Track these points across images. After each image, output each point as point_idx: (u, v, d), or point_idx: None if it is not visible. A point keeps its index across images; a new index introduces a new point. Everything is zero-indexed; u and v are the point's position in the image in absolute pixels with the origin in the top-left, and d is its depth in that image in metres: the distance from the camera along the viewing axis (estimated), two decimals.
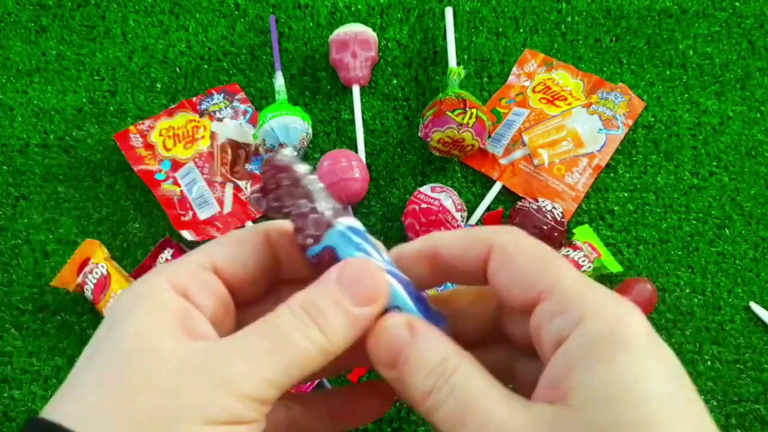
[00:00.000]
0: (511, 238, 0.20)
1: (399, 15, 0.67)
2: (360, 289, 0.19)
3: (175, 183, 0.59)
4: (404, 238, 0.57)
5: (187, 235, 0.55)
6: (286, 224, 0.22)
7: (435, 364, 0.19)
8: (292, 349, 0.18)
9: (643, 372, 0.16)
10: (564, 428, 0.16)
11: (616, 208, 0.58)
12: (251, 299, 0.22)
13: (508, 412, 0.17)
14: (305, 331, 0.18)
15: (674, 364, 0.17)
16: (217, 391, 0.17)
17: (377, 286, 0.19)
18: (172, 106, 0.63)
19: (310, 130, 0.59)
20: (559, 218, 0.53)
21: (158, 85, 0.65)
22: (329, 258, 0.20)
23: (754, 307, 0.54)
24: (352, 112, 0.62)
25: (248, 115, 0.63)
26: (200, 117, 0.62)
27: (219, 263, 0.21)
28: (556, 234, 0.53)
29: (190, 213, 0.57)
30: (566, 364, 0.17)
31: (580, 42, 0.66)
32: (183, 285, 0.20)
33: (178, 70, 0.65)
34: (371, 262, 0.20)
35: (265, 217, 0.58)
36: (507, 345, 0.23)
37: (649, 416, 0.16)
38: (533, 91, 0.63)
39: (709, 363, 0.53)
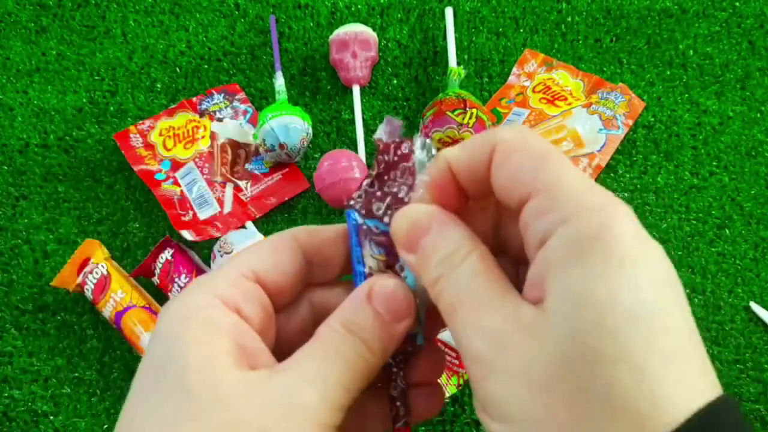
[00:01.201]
0: (513, 135, 0.18)
1: (399, 15, 0.67)
2: (393, 306, 0.20)
3: (175, 183, 0.59)
4: None
5: (187, 235, 0.55)
6: (312, 230, 0.23)
7: (446, 254, 0.19)
8: (348, 368, 0.19)
9: (618, 279, 0.15)
10: (541, 333, 0.16)
11: None
12: (287, 305, 0.23)
13: (491, 315, 0.17)
14: (357, 349, 0.19)
15: (657, 270, 0.16)
16: (296, 422, 0.17)
17: (407, 304, 0.20)
18: (172, 106, 0.63)
19: (310, 130, 0.59)
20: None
21: (158, 85, 0.65)
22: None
23: (754, 307, 0.54)
24: (352, 112, 0.62)
25: (248, 115, 0.63)
26: (200, 117, 0.62)
27: (260, 271, 0.21)
28: None
29: (190, 213, 0.57)
30: (545, 265, 0.16)
31: (580, 42, 0.66)
32: (233, 299, 0.19)
33: (178, 70, 0.65)
34: (396, 280, 0.20)
35: (266, 217, 0.59)
36: (509, 257, 0.22)
37: (615, 329, 0.14)
38: (533, 91, 0.63)
39: None
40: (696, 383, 0.15)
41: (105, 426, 0.51)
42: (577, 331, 0.15)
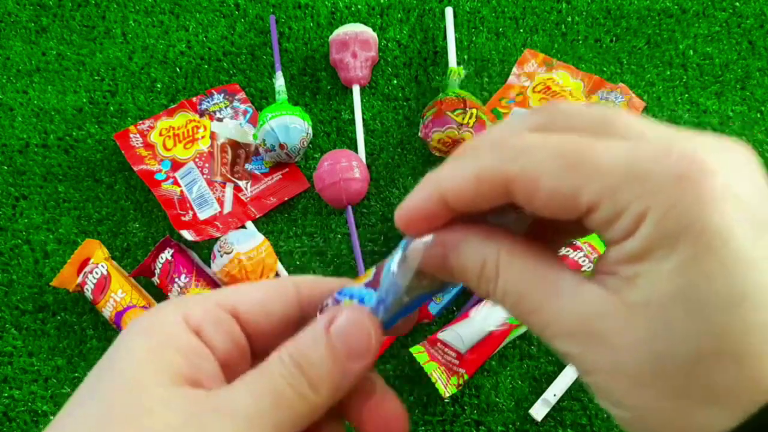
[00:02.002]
0: (522, 163, 0.16)
1: (399, 15, 0.67)
2: (353, 342, 0.18)
3: (175, 183, 0.59)
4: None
5: (187, 235, 0.55)
6: (318, 280, 0.22)
7: (478, 267, 0.18)
8: (283, 404, 0.18)
9: (719, 268, 0.14)
10: (617, 325, 0.15)
11: None
12: (270, 349, 0.21)
13: (562, 305, 0.16)
14: (297, 386, 0.18)
15: (755, 230, 0.14)
16: None
17: (370, 342, 0.19)
18: (172, 106, 0.63)
19: (310, 130, 0.59)
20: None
21: (158, 85, 0.65)
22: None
23: None
24: (352, 112, 0.62)
25: (248, 115, 0.63)
26: (200, 117, 0.62)
27: (240, 307, 0.20)
28: None
29: (190, 213, 0.57)
30: (634, 255, 0.15)
31: (580, 42, 0.66)
32: (197, 321, 0.19)
33: (178, 70, 0.65)
34: (363, 309, 0.19)
35: (266, 217, 0.59)
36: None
37: (706, 322, 0.14)
38: (533, 91, 0.63)
39: None
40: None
41: None
42: (662, 333, 0.15)
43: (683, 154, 0.15)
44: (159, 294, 0.54)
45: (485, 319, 0.50)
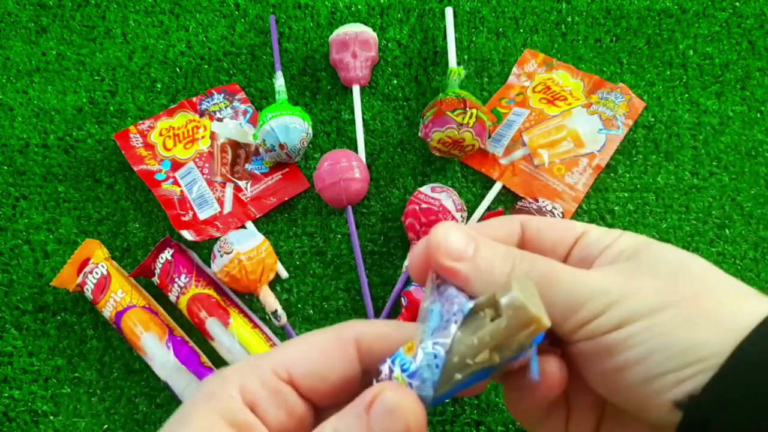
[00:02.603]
0: (533, 218, 0.25)
1: (399, 15, 0.67)
2: (393, 424, 0.18)
3: (175, 183, 0.59)
4: (404, 238, 0.57)
5: (187, 235, 0.55)
6: (382, 334, 0.21)
7: (507, 249, 0.22)
8: None
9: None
10: (648, 261, 0.21)
11: (616, 208, 0.58)
12: (335, 404, 0.21)
13: (587, 273, 0.21)
14: None
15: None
16: None
17: (409, 423, 0.18)
18: (172, 106, 0.63)
19: (310, 130, 0.59)
20: (559, 218, 0.53)
21: (158, 85, 0.65)
22: None
23: None
24: (352, 112, 0.62)
25: (248, 115, 0.63)
26: (200, 117, 0.62)
27: (296, 372, 0.20)
28: None
29: (190, 213, 0.58)
30: (622, 250, 0.22)
31: (580, 42, 0.66)
32: (253, 395, 0.19)
33: (178, 70, 0.65)
34: (407, 394, 0.19)
35: (266, 217, 0.59)
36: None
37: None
38: (533, 91, 0.63)
39: None
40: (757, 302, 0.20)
41: (105, 426, 0.51)
42: (686, 259, 0.21)
43: None
44: (159, 294, 0.54)
45: None
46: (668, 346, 0.19)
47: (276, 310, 0.53)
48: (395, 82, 0.64)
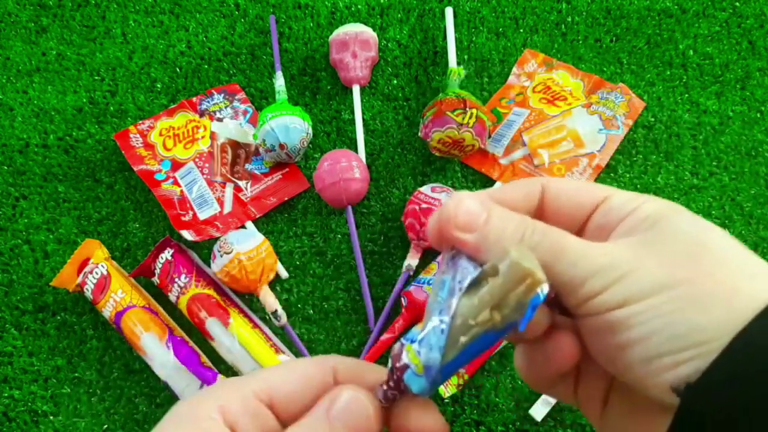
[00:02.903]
0: (554, 179, 0.24)
1: (399, 15, 0.67)
2: (351, 421, 0.19)
3: (175, 183, 0.59)
4: (404, 239, 0.57)
5: (187, 235, 0.55)
6: (358, 364, 0.22)
7: (519, 219, 0.21)
8: None
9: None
10: (660, 234, 0.20)
11: None
12: None
13: (597, 246, 0.20)
14: None
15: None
16: None
17: (369, 423, 0.19)
18: (172, 106, 0.63)
19: (310, 130, 0.59)
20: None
21: (158, 85, 0.65)
22: None
23: None
24: (352, 112, 0.62)
25: (248, 115, 0.63)
26: (200, 117, 0.62)
27: (277, 398, 0.20)
28: None
29: (190, 213, 0.58)
30: (644, 216, 0.21)
31: (580, 42, 0.66)
32: (233, 416, 0.19)
33: (178, 70, 0.65)
34: (361, 392, 0.20)
35: (266, 217, 0.59)
36: None
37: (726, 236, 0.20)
38: (533, 91, 0.63)
39: None
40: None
41: (105, 426, 0.51)
42: (702, 232, 0.20)
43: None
44: (159, 294, 0.54)
45: None
46: (669, 327, 0.18)
47: (276, 310, 0.53)
48: (395, 82, 0.64)
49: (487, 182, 0.60)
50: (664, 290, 0.19)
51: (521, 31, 0.66)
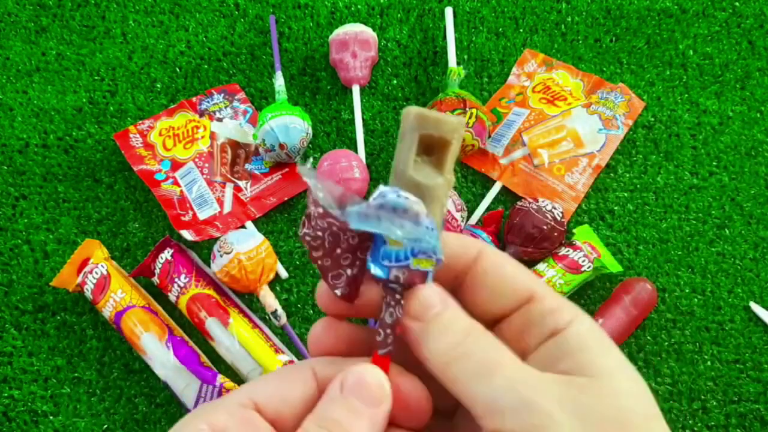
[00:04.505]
0: (496, 251, 0.22)
1: (399, 15, 0.67)
2: (366, 392, 0.20)
3: (175, 183, 0.59)
4: None
5: (187, 235, 0.55)
6: (333, 360, 0.22)
7: (467, 323, 0.20)
8: None
9: (628, 365, 0.20)
10: (591, 392, 0.19)
11: (616, 208, 0.58)
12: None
13: (531, 372, 0.20)
14: None
15: (640, 386, 0.20)
16: None
17: (381, 388, 0.20)
18: (172, 106, 0.63)
19: (310, 130, 0.59)
20: (559, 218, 0.53)
21: (158, 85, 0.65)
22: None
23: (754, 307, 0.54)
24: (352, 112, 0.62)
25: (248, 115, 0.63)
26: (200, 117, 0.62)
27: (260, 400, 0.21)
28: (556, 234, 0.53)
29: (190, 213, 0.58)
30: (569, 349, 0.20)
31: (580, 42, 0.66)
32: (222, 425, 0.20)
33: (178, 70, 0.65)
34: (368, 366, 0.20)
35: (265, 217, 0.59)
36: None
37: (644, 391, 0.19)
38: (533, 91, 0.63)
39: (709, 363, 0.53)
40: None
41: (105, 426, 0.51)
42: (625, 395, 0.19)
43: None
44: (159, 294, 0.54)
45: None
46: None
47: (276, 310, 0.53)
48: (395, 82, 0.64)
49: (487, 182, 0.60)
50: None
51: (521, 31, 0.66)
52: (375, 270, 0.20)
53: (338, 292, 0.21)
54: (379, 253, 0.20)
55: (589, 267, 0.53)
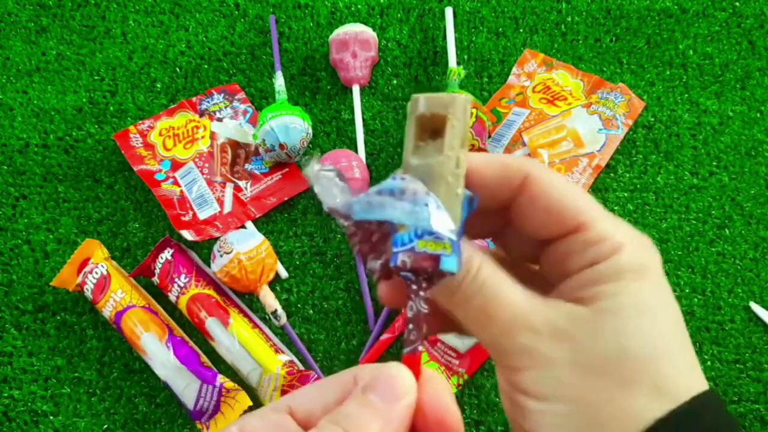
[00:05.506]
0: (545, 170, 0.21)
1: (399, 15, 0.67)
2: (387, 389, 0.19)
3: (175, 183, 0.59)
4: None
5: (187, 235, 0.55)
6: (378, 364, 0.22)
7: (470, 251, 0.20)
8: None
9: (660, 302, 0.20)
10: (592, 327, 0.19)
11: (616, 208, 0.58)
12: None
13: (531, 307, 0.20)
14: None
15: (674, 313, 0.20)
16: None
17: (404, 384, 0.19)
18: (172, 106, 0.63)
19: (310, 130, 0.59)
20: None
21: (158, 85, 0.65)
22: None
23: (754, 307, 0.54)
24: (352, 112, 0.62)
25: (248, 115, 0.63)
26: (200, 117, 0.62)
27: (294, 404, 0.20)
28: None
29: (190, 213, 0.58)
30: (598, 277, 0.20)
31: (580, 42, 0.66)
32: (251, 429, 0.20)
33: (178, 70, 0.65)
34: (393, 365, 0.20)
35: (265, 216, 0.59)
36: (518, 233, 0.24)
37: (655, 337, 0.19)
38: (533, 91, 0.63)
39: (709, 363, 0.53)
40: (696, 376, 0.20)
41: (105, 426, 0.51)
42: (630, 333, 0.19)
43: (644, 236, 0.21)
44: (159, 294, 0.54)
45: None
46: None
47: (276, 310, 0.53)
48: (395, 82, 0.64)
49: None
50: (568, 402, 0.19)
51: (521, 31, 0.66)
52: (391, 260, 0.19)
53: (376, 276, 0.20)
54: (394, 241, 0.19)
55: None
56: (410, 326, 0.19)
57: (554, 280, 0.21)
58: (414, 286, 0.19)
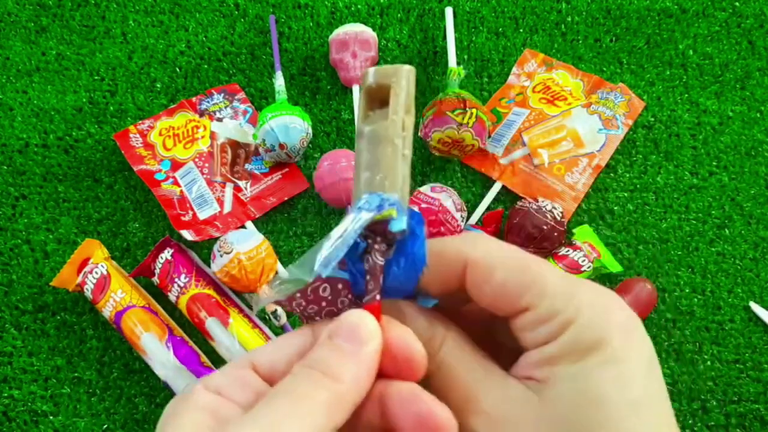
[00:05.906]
0: (483, 252, 0.21)
1: (399, 15, 0.67)
2: (352, 333, 0.20)
3: (175, 183, 0.59)
4: None
5: (187, 235, 0.55)
6: (335, 318, 0.22)
7: (424, 340, 0.21)
8: (315, 406, 0.18)
9: (617, 384, 0.18)
10: (538, 413, 0.19)
11: (616, 208, 0.58)
12: None
13: (484, 389, 0.20)
14: (319, 383, 0.18)
15: (643, 368, 0.19)
16: None
17: (368, 328, 0.20)
18: (172, 106, 0.63)
19: (310, 130, 0.59)
20: (559, 218, 0.53)
21: (158, 85, 0.65)
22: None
23: (754, 307, 0.54)
24: (352, 112, 0.62)
25: (248, 115, 0.63)
26: (200, 117, 0.62)
27: (255, 359, 0.21)
28: (556, 234, 0.53)
29: (190, 213, 0.58)
30: (549, 358, 0.19)
31: (580, 42, 0.66)
32: (215, 384, 0.20)
33: (178, 70, 0.65)
34: (359, 311, 0.20)
35: (265, 216, 0.59)
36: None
37: (617, 419, 0.18)
38: (533, 91, 0.63)
39: (709, 363, 0.53)
40: None
41: (105, 426, 0.51)
42: (575, 421, 0.18)
43: (608, 294, 0.20)
44: (159, 294, 0.54)
45: None
46: None
47: (276, 310, 0.53)
48: None
49: (487, 182, 0.60)
50: None
51: (521, 31, 0.66)
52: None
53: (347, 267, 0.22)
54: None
55: (589, 267, 0.53)
56: (368, 277, 0.21)
57: (520, 349, 0.21)
58: (371, 242, 0.21)
